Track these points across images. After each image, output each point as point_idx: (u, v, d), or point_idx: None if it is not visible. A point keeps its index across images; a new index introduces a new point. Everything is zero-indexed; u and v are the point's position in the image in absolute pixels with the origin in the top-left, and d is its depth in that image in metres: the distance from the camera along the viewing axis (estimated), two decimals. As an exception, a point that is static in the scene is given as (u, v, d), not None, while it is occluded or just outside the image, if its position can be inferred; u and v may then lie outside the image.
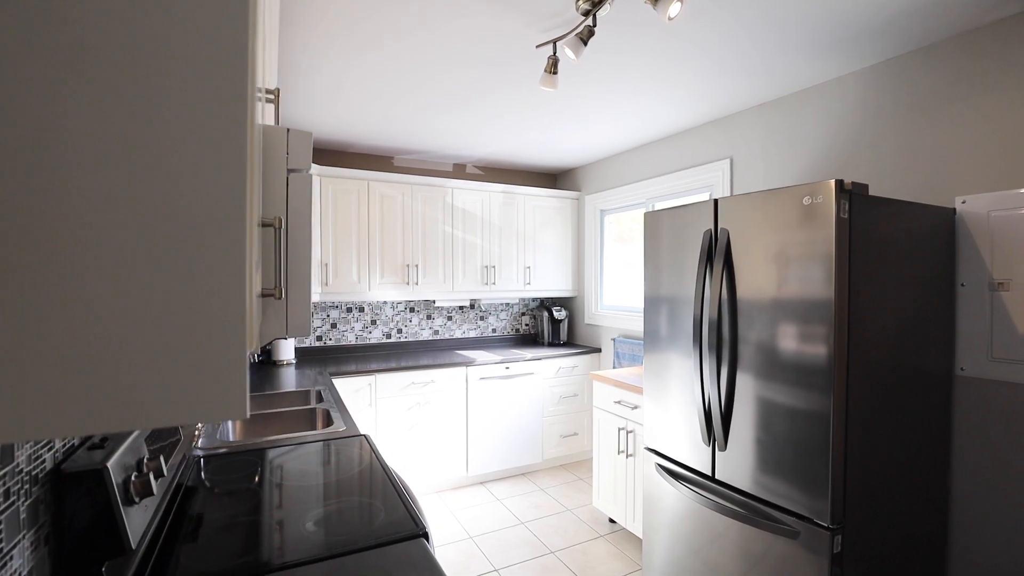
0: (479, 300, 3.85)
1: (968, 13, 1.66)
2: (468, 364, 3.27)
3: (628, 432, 2.54)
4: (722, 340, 1.75)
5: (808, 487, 1.49)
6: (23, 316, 0.36)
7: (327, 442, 1.63)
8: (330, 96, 2.46)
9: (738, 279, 1.70)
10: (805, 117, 2.31)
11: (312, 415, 2.02)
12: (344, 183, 3.18)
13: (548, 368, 3.56)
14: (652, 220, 2.09)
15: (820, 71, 2.12)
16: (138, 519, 0.82)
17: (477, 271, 3.63)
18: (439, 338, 3.83)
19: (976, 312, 1.73)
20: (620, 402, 2.60)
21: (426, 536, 1.04)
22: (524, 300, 4.17)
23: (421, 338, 3.76)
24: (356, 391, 2.93)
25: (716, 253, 1.76)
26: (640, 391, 2.43)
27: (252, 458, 1.49)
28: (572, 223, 4.01)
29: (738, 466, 1.71)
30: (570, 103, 2.53)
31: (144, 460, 0.89)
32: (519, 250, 3.79)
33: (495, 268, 3.69)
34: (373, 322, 3.60)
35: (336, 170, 3.14)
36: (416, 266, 3.41)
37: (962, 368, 1.76)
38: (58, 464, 0.74)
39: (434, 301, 3.74)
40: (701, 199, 2.40)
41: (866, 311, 1.49)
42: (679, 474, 1.96)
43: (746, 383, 1.68)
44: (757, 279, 1.64)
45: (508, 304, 4.11)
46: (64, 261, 0.37)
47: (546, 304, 4.07)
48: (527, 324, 4.20)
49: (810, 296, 1.48)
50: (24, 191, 0.36)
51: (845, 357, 1.44)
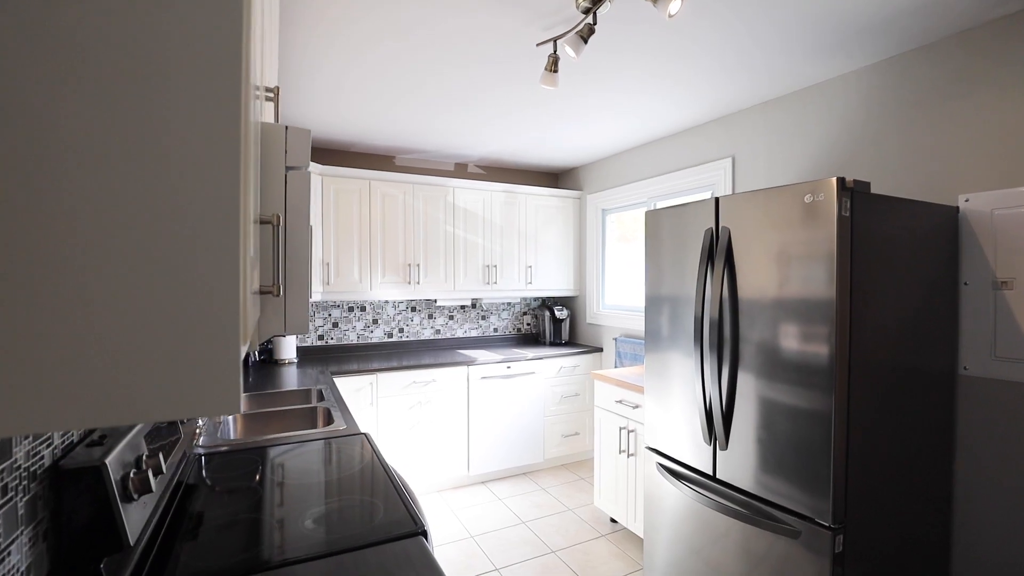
0: (480, 299, 3.85)
1: (969, 11, 1.65)
2: (469, 363, 3.27)
3: (629, 431, 2.54)
4: (723, 339, 1.75)
5: (809, 487, 1.48)
6: (19, 310, 0.37)
7: (327, 441, 1.64)
8: (331, 96, 2.46)
9: (739, 278, 1.69)
10: (807, 115, 2.30)
11: (313, 414, 2.02)
12: (346, 182, 3.18)
13: (549, 367, 3.56)
14: (653, 219, 2.09)
15: (822, 69, 2.11)
16: (136, 516, 0.82)
17: (478, 270, 3.63)
18: (440, 337, 3.83)
19: (979, 311, 1.72)
20: (621, 401, 2.60)
21: (425, 534, 1.04)
22: (526, 299, 4.17)
23: (422, 337, 3.76)
24: (358, 390, 2.94)
25: (717, 252, 1.75)
26: (641, 390, 2.43)
27: (252, 456, 1.49)
28: (574, 222, 4.01)
29: (739, 466, 1.70)
30: (571, 102, 2.53)
31: (143, 457, 0.89)
32: (521, 249, 3.79)
33: (496, 267, 3.69)
34: (375, 321, 3.60)
35: (338, 169, 3.14)
36: (417, 265, 3.41)
37: (965, 367, 1.75)
38: (57, 460, 0.75)
39: (435, 300, 3.74)
40: (703, 198, 2.39)
41: (868, 310, 1.48)
42: (680, 473, 1.95)
43: (747, 382, 1.67)
44: (758, 278, 1.63)
45: (510, 303, 4.10)
46: (60, 258, 0.37)
47: (548, 303, 4.06)
48: (528, 323, 4.19)
49: (811, 295, 1.47)
50: (21, 189, 0.36)
51: (847, 356, 1.44)
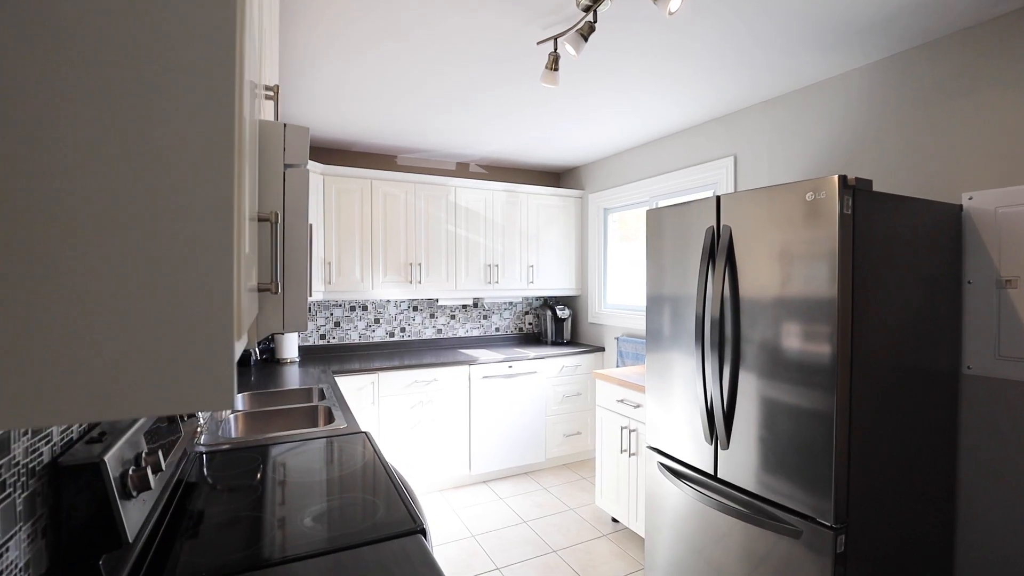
0: (482, 299, 3.85)
1: (971, 9, 1.64)
2: (471, 363, 3.27)
3: (631, 431, 2.53)
4: (724, 338, 1.74)
5: (811, 486, 1.47)
6: (17, 305, 0.37)
7: (328, 439, 1.64)
8: (332, 96, 2.47)
9: (740, 276, 1.69)
10: (809, 114, 2.29)
11: (314, 412, 2.02)
12: (347, 182, 3.19)
13: (551, 367, 3.55)
14: (654, 218, 2.08)
15: (823, 67, 2.10)
16: (135, 513, 0.82)
17: (480, 270, 3.63)
18: (442, 337, 3.83)
19: (983, 310, 1.71)
20: (623, 401, 2.59)
21: (424, 532, 1.04)
22: (527, 299, 4.16)
23: (424, 337, 3.76)
24: (359, 389, 2.94)
25: (718, 250, 1.75)
26: (643, 390, 2.42)
27: (253, 455, 1.50)
28: (575, 222, 4.00)
29: (741, 465, 1.69)
30: (571, 101, 2.53)
31: (142, 455, 0.90)
32: (522, 249, 3.79)
33: (498, 267, 3.69)
34: (376, 320, 3.60)
35: (339, 169, 3.15)
36: (419, 265, 3.41)
37: (969, 367, 1.74)
38: (55, 457, 0.75)
39: (437, 300, 3.74)
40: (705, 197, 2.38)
41: (870, 309, 1.48)
42: (682, 473, 1.95)
43: (749, 381, 1.66)
44: (760, 276, 1.62)
45: (511, 303, 4.10)
46: (55, 253, 0.37)
47: (549, 303, 4.06)
48: (530, 323, 4.19)
49: (813, 293, 1.47)
50: (19, 188, 0.36)
51: (848, 355, 1.43)
